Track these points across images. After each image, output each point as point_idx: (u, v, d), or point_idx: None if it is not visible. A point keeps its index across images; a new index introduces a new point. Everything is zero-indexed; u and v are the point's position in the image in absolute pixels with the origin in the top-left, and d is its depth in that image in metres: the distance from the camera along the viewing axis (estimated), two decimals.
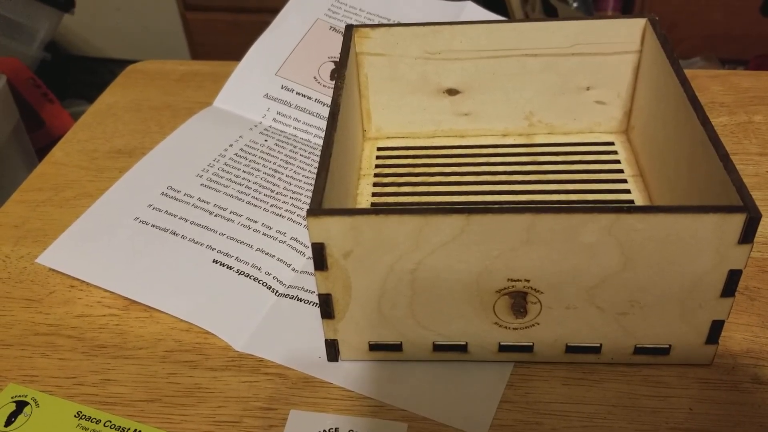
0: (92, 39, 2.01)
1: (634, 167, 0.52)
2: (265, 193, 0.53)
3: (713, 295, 0.37)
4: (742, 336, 0.42)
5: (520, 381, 0.41)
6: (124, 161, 0.59)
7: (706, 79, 0.64)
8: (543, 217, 0.34)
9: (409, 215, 0.35)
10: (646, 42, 0.50)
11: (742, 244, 0.35)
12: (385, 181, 0.53)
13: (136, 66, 0.73)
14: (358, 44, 0.52)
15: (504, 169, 0.53)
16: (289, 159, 0.57)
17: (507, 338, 0.40)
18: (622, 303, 0.38)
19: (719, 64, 1.56)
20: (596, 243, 0.35)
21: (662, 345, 0.40)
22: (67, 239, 0.50)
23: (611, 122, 0.55)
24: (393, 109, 0.56)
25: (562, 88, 0.53)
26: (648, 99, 0.50)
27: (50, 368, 0.43)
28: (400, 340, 0.41)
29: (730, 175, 0.36)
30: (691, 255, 0.35)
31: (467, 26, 0.51)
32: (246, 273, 0.47)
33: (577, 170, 0.52)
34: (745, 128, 0.58)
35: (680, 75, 0.43)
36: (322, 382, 0.41)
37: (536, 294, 0.38)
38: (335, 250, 0.36)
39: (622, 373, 0.41)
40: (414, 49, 0.52)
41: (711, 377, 0.40)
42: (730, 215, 0.34)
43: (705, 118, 0.40)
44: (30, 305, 0.47)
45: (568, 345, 0.40)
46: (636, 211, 0.34)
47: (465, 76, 0.54)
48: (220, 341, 0.44)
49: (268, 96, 0.62)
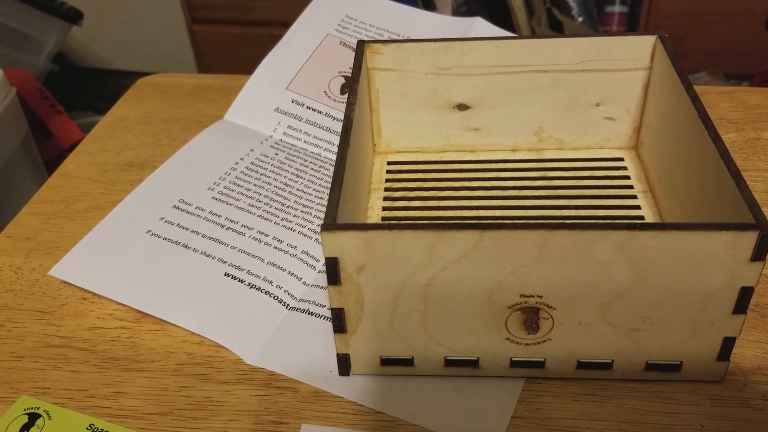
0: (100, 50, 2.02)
1: (644, 183, 0.52)
2: (276, 206, 0.54)
3: (725, 312, 0.37)
4: (753, 353, 0.42)
5: (532, 397, 0.41)
6: (135, 174, 0.59)
7: (714, 96, 0.64)
8: (556, 233, 0.35)
9: (422, 231, 0.35)
10: (656, 59, 0.50)
11: (754, 262, 0.35)
12: (396, 195, 0.53)
13: (147, 79, 0.73)
14: (370, 59, 0.53)
15: (514, 184, 0.53)
16: (300, 173, 0.57)
17: (519, 354, 0.40)
18: (634, 319, 0.38)
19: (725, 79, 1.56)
20: (609, 260, 0.35)
21: (674, 361, 0.40)
22: (79, 252, 0.50)
23: (621, 138, 0.55)
24: (403, 124, 0.56)
25: (571, 104, 0.53)
26: (658, 115, 0.50)
27: (62, 380, 0.43)
28: (411, 354, 0.41)
29: (743, 193, 0.36)
30: (703, 272, 0.35)
31: (478, 42, 0.52)
32: (257, 286, 0.47)
33: (586, 185, 0.52)
34: (753, 144, 0.58)
35: (691, 92, 0.44)
36: (334, 397, 0.41)
37: (548, 310, 0.38)
38: (349, 265, 0.37)
39: (633, 389, 0.41)
40: (425, 64, 0.53)
41: (722, 394, 0.40)
42: (743, 233, 0.34)
43: (716, 135, 0.40)
44: (42, 317, 0.47)
45: (580, 361, 0.40)
46: (649, 228, 0.34)
47: (475, 92, 0.54)
48: (231, 354, 0.44)
49: (278, 110, 0.62)
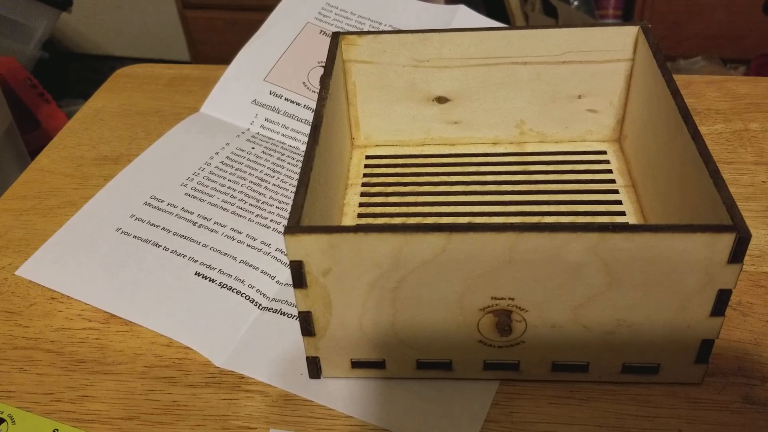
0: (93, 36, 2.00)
1: (626, 177, 0.51)
2: (251, 202, 0.52)
3: (702, 315, 0.36)
4: (734, 354, 0.41)
5: (506, 400, 0.40)
6: (109, 168, 0.58)
7: (702, 85, 0.63)
8: (526, 236, 0.33)
9: (388, 233, 0.34)
10: (638, 50, 0.49)
11: (731, 264, 0.34)
12: (373, 190, 0.52)
13: (125, 70, 0.72)
14: (345, 51, 0.51)
15: (494, 178, 0.52)
16: (276, 167, 0.56)
17: (492, 356, 0.39)
18: (609, 322, 0.37)
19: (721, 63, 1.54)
20: (581, 262, 0.34)
21: (651, 364, 0.39)
22: (47, 251, 0.49)
23: (604, 130, 0.54)
24: (382, 117, 0.55)
25: (553, 97, 0.52)
26: (640, 109, 0.49)
27: (28, 384, 0.42)
28: (382, 357, 0.40)
29: (720, 192, 0.35)
30: (679, 275, 0.34)
31: (456, 34, 0.50)
32: (229, 286, 0.46)
33: (568, 180, 0.51)
34: (740, 136, 0.57)
35: (671, 85, 0.42)
36: (304, 400, 0.40)
37: (521, 312, 0.37)
38: (314, 268, 0.36)
39: (610, 391, 0.40)
40: (402, 56, 0.51)
41: (701, 397, 0.39)
42: (720, 235, 0.33)
43: (695, 132, 0.39)
44: (10, 318, 0.46)
45: (555, 363, 0.39)
46: (621, 230, 0.33)
47: (454, 84, 0.52)
48: (200, 357, 0.43)
49: (256, 102, 0.61)
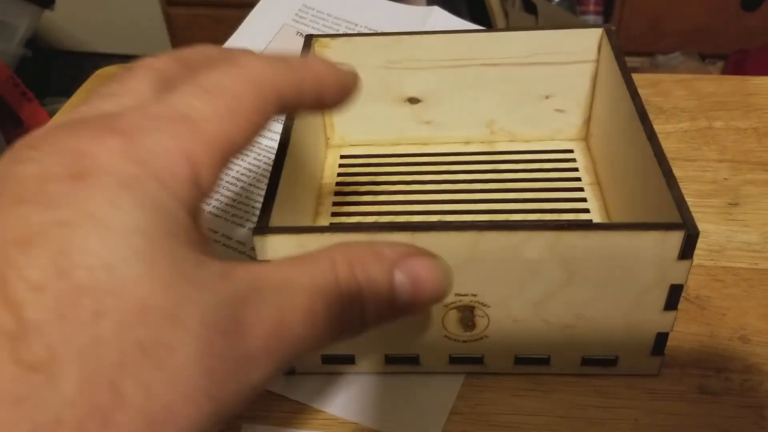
0: (76, 33, 2.00)
1: (592, 175, 0.52)
2: (227, 201, 0.53)
3: (656, 309, 0.37)
4: (691, 346, 0.43)
5: (472, 392, 0.41)
6: None
7: (670, 84, 0.64)
8: (486, 234, 0.35)
9: (354, 233, 0.35)
10: (602, 52, 0.50)
11: (682, 260, 0.35)
12: (347, 190, 0.53)
13: (105, 70, 0.72)
14: (319, 54, 0.52)
15: (465, 177, 0.53)
16: (252, 167, 0.57)
17: (457, 351, 0.41)
18: (568, 316, 0.38)
19: (699, 59, 1.57)
20: (539, 259, 0.36)
21: (609, 356, 0.40)
22: None
23: (571, 129, 0.55)
24: (356, 118, 0.56)
25: (521, 97, 0.54)
26: (604, 109, 0.50)
27: None
28: (352, 352, 0.41)
29: (672, 191, 0.36)
30: (632, 271, 0.36)
31: (426, 36, 0.52)
32: None
33: (536, 178, 0.53)
34: (705, 134, 0.59)
35: (630, 87, 0.44)
36: (276, 396, 0.41)
37: (483, 308, 0.38)
38: None
39: (572, 383, 0.41)
40: (374, 58, 0.53)
41: (658, 388, 0.41)
42: (669, 232, 0.34)
43: (651, 132, 0.40)
44: None
45: (518, 357, 0.41)
46: (576, 228, 0.35)
47: (426, 85, 0.54)
48: None
49: None
